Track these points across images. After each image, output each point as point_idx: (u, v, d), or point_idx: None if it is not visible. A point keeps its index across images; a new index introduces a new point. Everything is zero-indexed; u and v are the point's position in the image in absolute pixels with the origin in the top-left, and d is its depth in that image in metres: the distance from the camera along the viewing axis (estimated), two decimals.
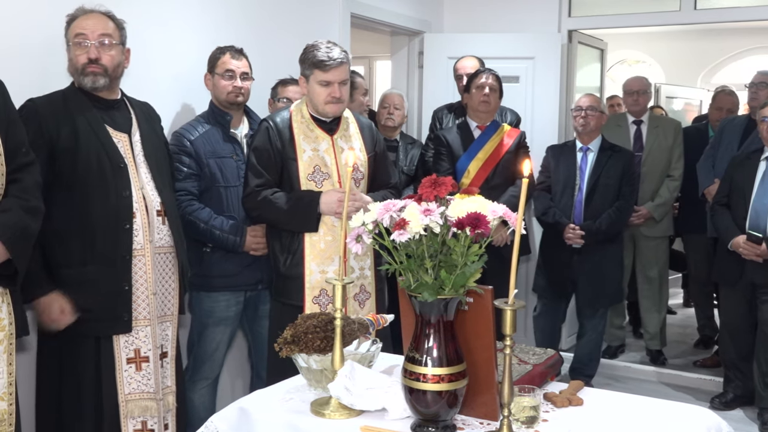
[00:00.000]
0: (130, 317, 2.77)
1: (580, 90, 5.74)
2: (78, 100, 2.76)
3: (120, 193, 2.74)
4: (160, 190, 2.87)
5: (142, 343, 2.81)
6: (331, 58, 3.09)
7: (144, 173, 2.84)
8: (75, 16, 2.78)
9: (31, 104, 2.70)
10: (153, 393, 2.84)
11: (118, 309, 2.75)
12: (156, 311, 2.86)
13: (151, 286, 2.82)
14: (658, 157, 5.21)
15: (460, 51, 5.09)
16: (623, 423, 1.99)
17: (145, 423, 2.83)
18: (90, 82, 2.76)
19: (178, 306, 3.00)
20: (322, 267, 3.14)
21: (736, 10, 5.19)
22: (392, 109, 4.65)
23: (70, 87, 2.81)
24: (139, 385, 2.81)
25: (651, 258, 5.34)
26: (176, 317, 2.99)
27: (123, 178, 2.76)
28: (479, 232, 1.77)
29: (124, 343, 2.78)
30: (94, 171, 2.71)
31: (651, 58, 9.94)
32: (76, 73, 2.77)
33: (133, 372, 2.80)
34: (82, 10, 2.79)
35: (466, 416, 1.98)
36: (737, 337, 4.41)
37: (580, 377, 4.33)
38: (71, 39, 2.76)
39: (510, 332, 1.77)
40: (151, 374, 2.83)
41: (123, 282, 2.75)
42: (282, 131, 3.17)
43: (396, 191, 3.40)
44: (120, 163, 2.76)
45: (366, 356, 2.23)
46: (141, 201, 2.79)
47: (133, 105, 2.94)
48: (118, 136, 2.81)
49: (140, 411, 2.82)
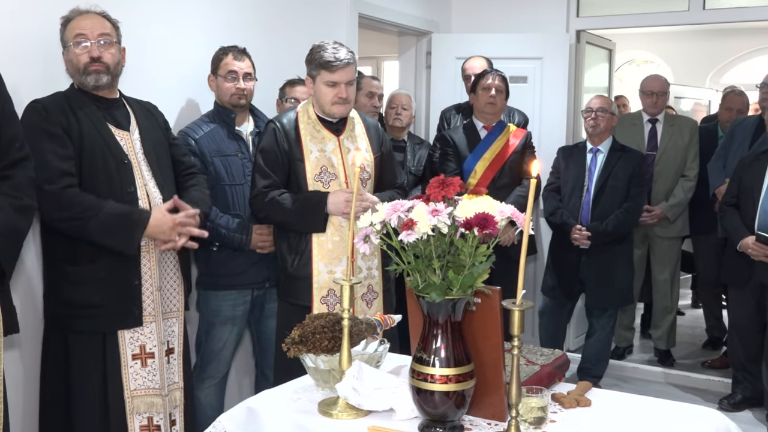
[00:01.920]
0: (140, 312, 2.80)
1: (588, 90, 5.74)
2: (80, 99, 2.78)
3: (125, 189, 2.76)
4: (162, 187, 2.88)
5: (147, 339, 2.83)
6: (337, 58, 3.09)
7: (145, 170, 2.85)
8: (70, 17, 2.79)
9: (37, 104, 2.70)
10: (158, 389, 2.85)
11: (128, 304, 2.77)
12: (160, 307, 2.87)
13: (156, 281, 2.84)
14: (672, 157, 5.19)
15: (467, 51, 5.09)
16: (631, 424, 1.98)
17: (151, 419, 2.84)
18: (93, 81, 2.77)
19: (183, 302, 3.01)
20: (329, 267, 3.15)
21: (744, 10, 5.17)
22: (400, 109, 4.65)
23: (70, 88, 2.83)
24: (144, 381, 2.82)
25: (664, 258, 5.33)
26: (182, 313, 3.00)
27: (127, 175, 2.78)
28: (487, 232, 1.77)
29: (129, 339, 2.79)
30: (99, 168, 2.73)
31: (659, 58, 9.92)
32: (77, 73, 2.77)
33: (138, 368, 2.81)
34: (77, 11, 2.80)
35: (474, 417, 1.98)
36: (746, 338, 4.39)
37: (588, 378, 4.32)
38: (70, 39, 2.76)
39: (518, 333, 1.77)
40: (156, 370, 2.84)
41: (133, 277, 2.78)
42: (289, 132, 3.17)
43: (402, 191, 3.40)
44: (123, 159, 2.78)
45: (373, 356, 2.24)
46: (145, 197, 2.81)
47: (131, 104, 2.95)
48: (120, 134, 2.82)
49: (146, 407, 2.83)
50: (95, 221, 2.64)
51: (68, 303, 2.74)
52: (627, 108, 7.30)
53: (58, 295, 2.77)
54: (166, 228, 2.75)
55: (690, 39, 9.21)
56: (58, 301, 2.78)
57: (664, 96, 5.35)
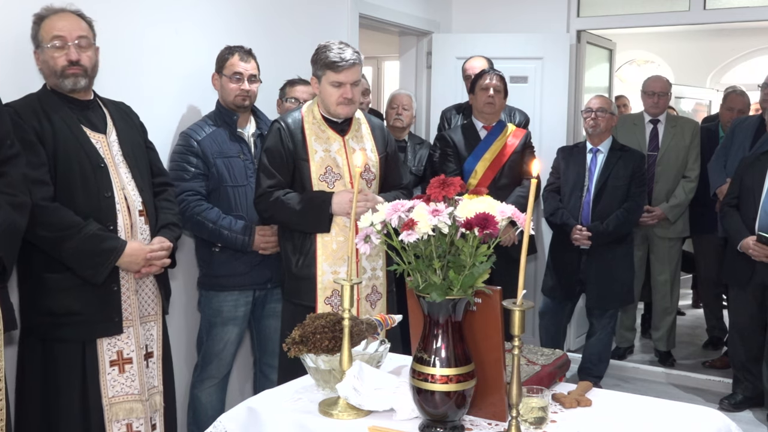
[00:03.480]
0: (120, 318, 2.74)
1: (589, 90, 5.73)
2: (53, 101, 2.70)
3: (102, 194, 2.69)
4: (141, 190, 2.82)
5: (125, 345, 2.77)
6: (343, 59, 3.09)
7: (124, 173, 2.78)
8: (43, 15, 2.70)
9: (9, 108, 2.58)
10: (138, 394, 2.80)
11: (107, 311, 2.71)
12: (138, 311, 2.81)
13: (132, 285, 2.79)
14: (674, 157, 5.18)
15: (468, 51, 5.09)
16: (632, 424, 1.98)
17: (130, 425, 2.78)
18: (71, 84, 2.70)
19: (161, 305, 2.95)
20: (334, 267, 3.14)
21: (745, 9, 5.17)
22: (401, 109, 4.65)
23: (42, 90, 2.74)
24: (123, 388, 2.77)
25: (664, 259, 5.33)
26: (160, 317, 2.94)
27: (104, 179, 2.70)
28: (488, 232, 1.77)
29: (107, 346, 2.73)
30: (75, 173, 2.65)
31: (660, 58, 9.91)
32: (53, 75, 2.68)
33: (116, 375, 2.75)
34: (52, 10, 2.71)
35: (475, 417, 1.98)
36: (747, 338, 4.39)
37: (588, 378, 4.32)
38: (46, 40, 2.67)
39: (519, 333, 1.77)
40: (135, 375, 2.79)
41: (112, 283, 2.71)
42: (294, 132, 3.17)
43: (408, 192, 3.40)
44: (100, 163, 2.71)
45: (374, 356, 2.24)
46: (123, 201, 2.74)
47: (107, 105, 2.88)
48: (96, 137, 2.74)
49: (125, 413, 2.77)
50: (71, 242, 2.58)
51: (49, 311, 2.66)
52: (627, 108, 7.29)
53: (38, 304, 2.68)
54: (139, 260, 2.72)
55: (690, 39, 9.20)
56: (38, 310, 2.68)
57: (666, 96, 5.34)
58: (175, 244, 2.90)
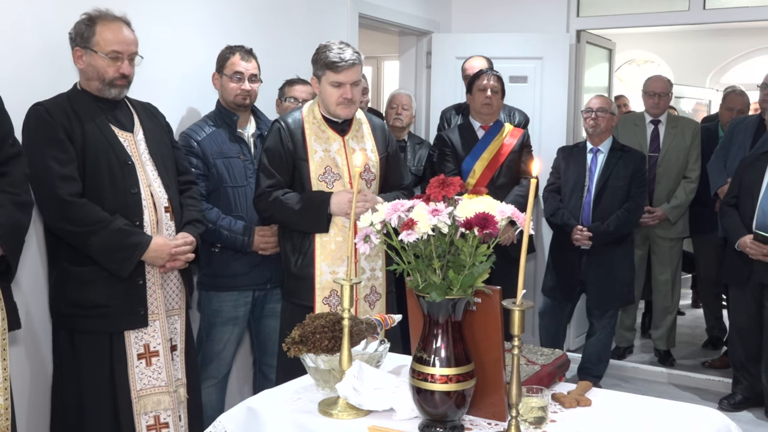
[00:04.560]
0: (146, 311, 2.81)
1: (588, 90, 5.73)
2: (83, 101, 2.78)
3: (129, 190, 2.77)
4: (167, 187, 2.90)
5: (151, 338, 2.84)
6: (343, 59, 3.08)
7: (150, 170, 2.86)
8: (95, 18, 2.75)
9: (40, 107, 2.69)
10: (165, 386, 2.87)
11: (134, 304, 2.79)
12: (164, 305, 2.89)
13: (158, 279, 2.86)
14: (675, 158, 5.18)
15: (468, 51, 5.09)
16: (632, 424, 1.98)
17: (157, 417, 2.85)
18: (116, 93, 2.80)
19: (185, 300, 3.02)
20: (332, 267, 3.14)
21: (745, 9, 5.17)
22: (400, 109, 4.65)
23: (73, 89, 2.82)
24: (150, 380, 2.84)
25: (665, 259, 5.33)
26: (184, 311, 3.02)
27: (131, 176, 2.78)
28: (487, 232, 1.77)
29: (134, 339, 2.81)
30: (103, 170, 2.74)
31: (660, 58, 9.91)
32: (99, 80, 2.76)
33: (143, 367, 2.83)
34: (105, 15, 2.77)
35: (474, 417, 1.98)
36: (746, 338, 4.39)
37: (588, 378, 4.32)
38: (104, 50, 2.72)
39: (518, 333, 1.77)
40: (162, 368, 2.86)
41: (137, 277, 2.78)
42: (294, 132, 3.17)
43: (408, 192, 3.39)
44: (127, 161, 2.79)
45: (374, 356, 2.24)
46: (149, 198, 2.82)
47: (134, 105, 2.96)
48: (123, 135, 2.83)
49: (153, 405, 2.84)
50: (98, 237, 2.66)
51: (75, 303, 2.76)
52: (627, 108, 7.29)
53: (65, 295, 2.78)
54: (164, 254, 2.79)
55: (690, 39, 9.20)
56: (65, 301, 2.78)
57: (667, 97, 5.34)
58: (198, 240, 2.96)
